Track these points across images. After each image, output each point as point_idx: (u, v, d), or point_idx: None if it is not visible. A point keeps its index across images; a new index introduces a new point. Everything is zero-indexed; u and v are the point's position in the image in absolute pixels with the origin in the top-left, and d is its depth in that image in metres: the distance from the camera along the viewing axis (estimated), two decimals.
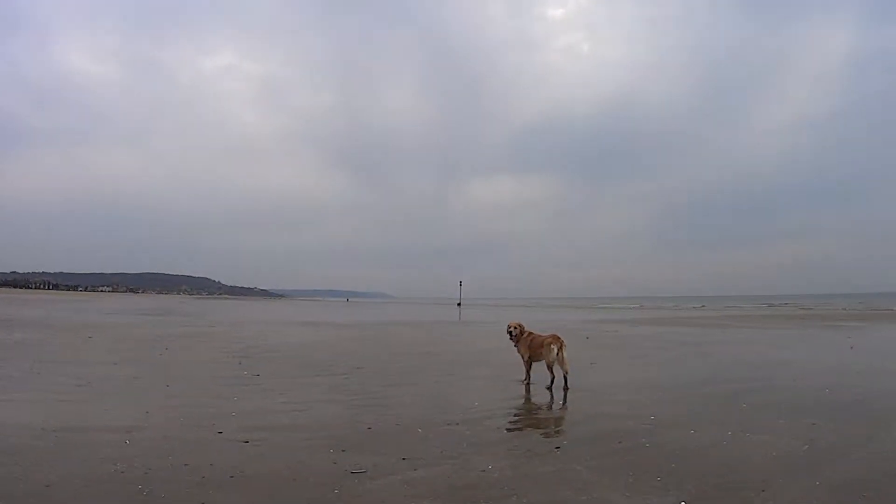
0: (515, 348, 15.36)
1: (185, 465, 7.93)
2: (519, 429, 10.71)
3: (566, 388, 13.86)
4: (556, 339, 14.32)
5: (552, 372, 14.27)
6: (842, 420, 10.72)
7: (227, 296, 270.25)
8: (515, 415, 11.83)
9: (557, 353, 14.08)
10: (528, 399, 13.31)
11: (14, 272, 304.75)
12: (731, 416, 11.04)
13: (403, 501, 6.67)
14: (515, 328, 15.32)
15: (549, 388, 14.03)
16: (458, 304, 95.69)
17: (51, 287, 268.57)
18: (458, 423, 10.62)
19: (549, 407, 12.54)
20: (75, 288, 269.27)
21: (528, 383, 14.69)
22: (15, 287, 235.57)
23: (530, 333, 15.20)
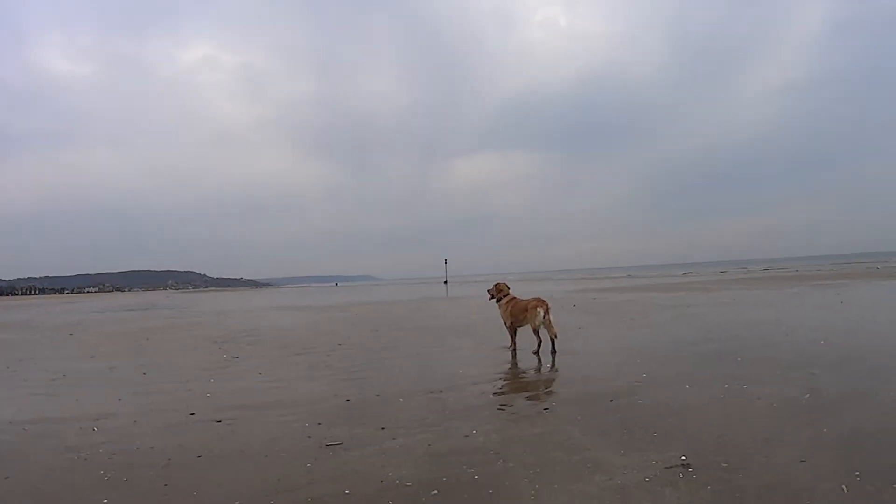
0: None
1: (152, 448, 7.65)
2: (504, 393, 10.46)
3: (554, 352, 13.48)
4: (541, 302, 14.01)
5: (538, 336, 13.94)
6: (841, 371, 10.43)
7: (213, 288, 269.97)
8: (501, 380, 11.56)
9: (544, 317, 13.75)
10: (514, 364, 12.98)
11: None
12: (727, 372, 10.73)
13: (380, 471, 6.33)
14: (495, 288, 15.16)
15: (536, 353, 13.63)
16: (445, 283, 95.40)
17: (37, 292, 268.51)
18: (440, 392, 10.34)
19: (537, 371, 12.24)
20: (62, 291, 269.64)
21: (514, 349, 14.31)
22: (0, 295, 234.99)
23: (513, 298, 14.86)
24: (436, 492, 5.65)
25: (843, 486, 5.23)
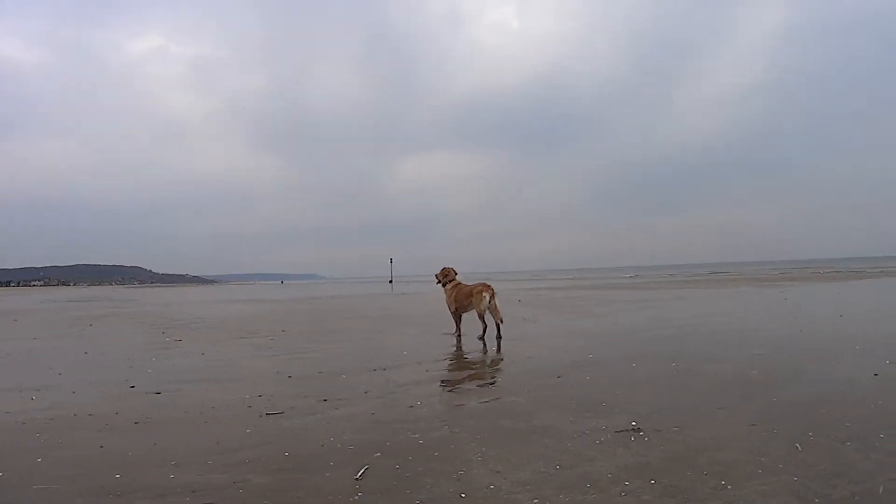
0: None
1: (90, 415, 7.55)
2: (449, 370, 10.42)
3: (499, 337, 13.38)
4: (486, 286, 13.89)
5: (484, 321, 13.81)
6: (785, 351, 10.68)
7: (159, 284, 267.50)
8: (446, 360, 11.45)
9: (489, 301, 13.63)
10: (459, 348, 12.87)
11: None
12: (675, 352, 10.78)
13: (321, 437, 6.25)
14: (441, 273, 15.04)
15: (482, 338, 13.50)
16: (390, 282, 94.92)
17: None
18: (384, 369, 10.27)
19: (483, 353, 12.12)
20: (7, 284, 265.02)
21: (458, 335, 14.21)
22: None
23: (458, 283, 14.72)
24: (379, 454, 5.58)
25: (797, 445, 5.33)
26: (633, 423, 6.18)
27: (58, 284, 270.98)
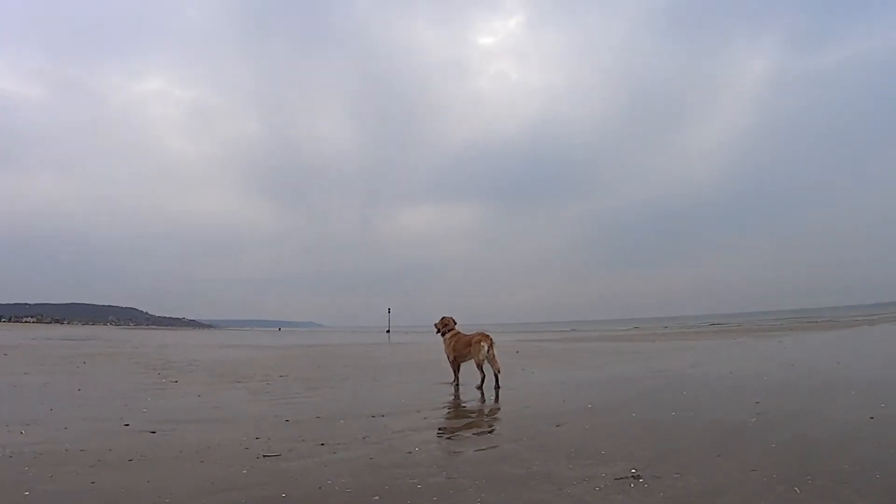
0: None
1: (82, 450, 7.48)
2: (447, 418, 10.37)
3: (497, 387, 13.18)
4: (485, 336, 13.78)
5: (482, 371, 13.70)
6: (783, 397, 10.70)
7: (154, 326, 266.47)
8: (444, 408, 11.38)
9: (488, 351, 13.53)
10: (457, 397, 12.74)
11: None
12: (673, 401, 10.74)
13: (319, 479, 6.20)
14: (441, 322, 14.90)
15: (480, 388, 13.35)
16: (388, 332, 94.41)
17: None
18: (383, 416, 10.18)
19: (481, 402, 12.07)
20: None
21: (457, 384, 14.02)
22: None
23: (457, 332, 14.59)
24: (377, 497, 5.55)
25: (796, 489, 5.35)
26: (633, 470, 6.15)
27: (51, 322, 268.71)
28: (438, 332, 14.95)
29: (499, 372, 13.48)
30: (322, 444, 7.87)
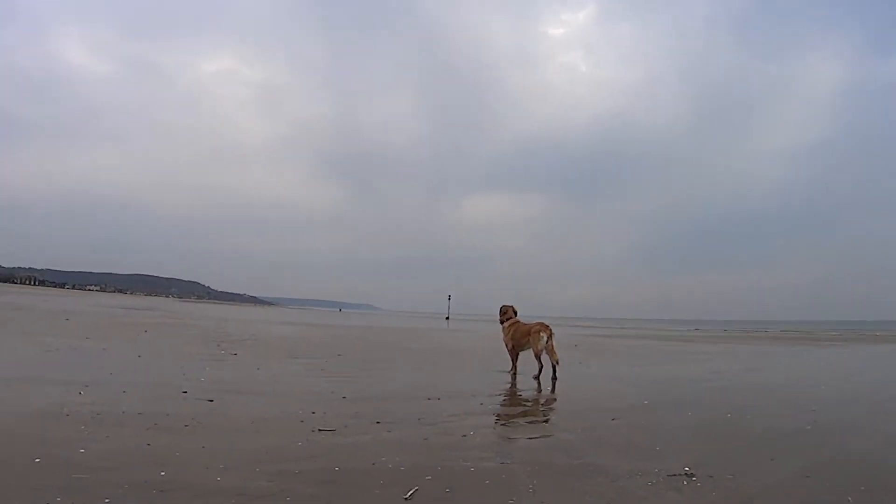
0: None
1: (139, 413, 7.55)
2: (503, 405, 10.33)
3: (555, 378, 13.06)
4: (545, 326, 13.69)
5: (540, 361, 13.53)
6: (840, 407, 10.60)
7: (216, 300, 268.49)
8: (500, 395, 11.35)
9: (547, 341, 13.44)
10: (513, 385, 12.64)
11: None
12: (729, 403, 10.56)
13: (373, 456, 6.18)
14: (501, 311, 14.83)
15: (537, 378, 13.19)
16: (447, 318, 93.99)
17: (36, 283, 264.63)
18: (439, 399, 10.14)
19: (537, 391, 11.96)
20: (62, 286, 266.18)
21: (514, 373, 13.88)
22: None
23: (516, 321, 14.50)
24: (429, 477, 5.51)
25: (849, 498, 5.20)
26: (686, 468, 6.04)
27: (114, 291, 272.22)
28: (502, 319, 14.84)
29: (557, 363, 13.39)
30: (377, 423, 7.90)
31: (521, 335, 14.04)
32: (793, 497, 5.25)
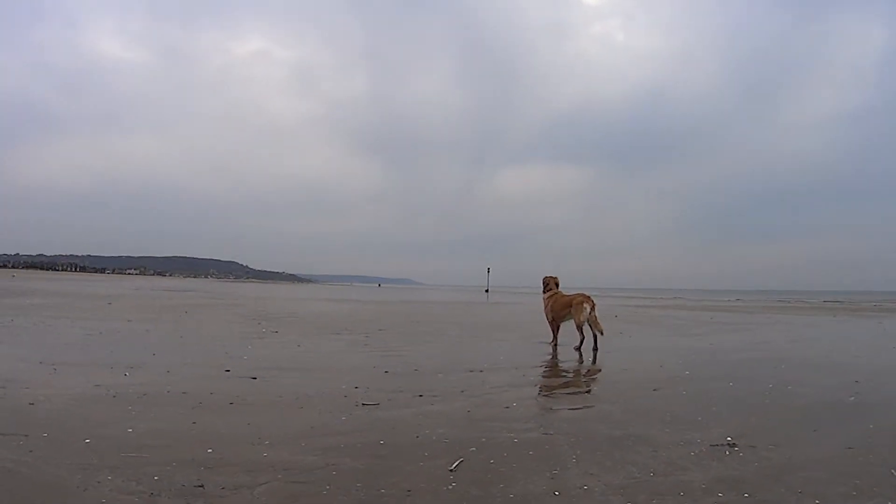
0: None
1: (184, 393, 7.71)
2: (545, 377, 10.37)
3: (595, 349, 13.10)
4: (587, 298, 13.64)
5: (582, 333, 13.49)
6: (884, 380, 10.33)
7: (254, 279, 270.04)
8: (542, 367, 11.40)
9: (590, 313, 13.37)
10: (554, 356, 12.69)
11: (41, 255, 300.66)
12: (771, 374, 10.44)
13: (416, 429, 6.27)
14: (549, 280, 14.81)
15: (578, 349, 13.18)
16: (486, 291, 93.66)
17: (78, 269, 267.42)
18: (481, 371, 10.22)
19: (579, 363, 11.96)
20: (103, 271, 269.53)
21: (555, 344, 13.96)
22: (41, 269, 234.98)
23: (557, 292, 14.50)
24: (473, 449, 5.58)
25: (893, 471, 5.15)
26: (729, 439, 6.06)
27: (153, 274, 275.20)
28: (546, 289, 14.86)
29: (601, 333, 13.42)
30: (420, 396, 7.99)
31: (561, 307, 14.05)
32: (836, 469, 5.21)
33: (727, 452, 5.62)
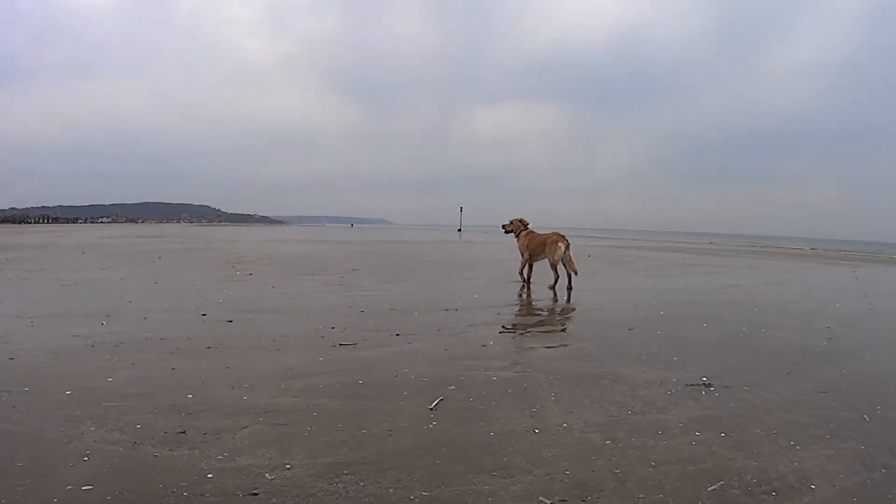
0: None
1: (161, 339, 7.70)
2: (521, 315, 10.55)
3: (570, 288, 13.41)
4: (561, 237, 13.90)
5: (556, 272, 13.78)
6: (855, 326, 10.45)
7: (227, 223, 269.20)
8: (517, 305, 11.65)
9: (564, 252, 13.68)
10: (529, 295, 12.88)
11: (13, 208, 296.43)
12: (743, 317, 10.67)
13: (394, 368, 6.40)
14: (511, 223, 15.03)
15: (553, 288, 13.46)
16: (459, 230, 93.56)
17: (50, 221, 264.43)
18: (456, 310, 10.38)
19: (554, 301, 12.17)
20: (75, 221, 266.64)
21: (528, 283, 14.18)
22: (14, 223, 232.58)
23: (532, 231, 14.65)
24: (453, 387, 5.70)
25: (865, 416, 5.30)
26: (704, 379, 6.23)
27: (125, 221, 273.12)
28: (507, 232, 15.10)
29: (575, 273, 13.73)
30: (397, 335, 8.09)
31: (535, 245, 14.25)
32: (810, 411, 5.35)
33: (703, 392, 5.77)
